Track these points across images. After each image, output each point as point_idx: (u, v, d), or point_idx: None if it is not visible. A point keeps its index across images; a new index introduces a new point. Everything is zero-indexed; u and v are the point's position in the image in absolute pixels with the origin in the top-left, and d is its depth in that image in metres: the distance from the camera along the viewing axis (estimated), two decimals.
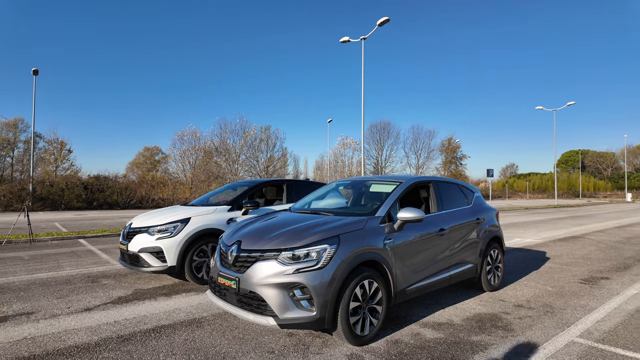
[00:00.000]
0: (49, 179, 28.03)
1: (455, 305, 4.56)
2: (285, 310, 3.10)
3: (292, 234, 3.41)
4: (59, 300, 4.63)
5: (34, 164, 36.54)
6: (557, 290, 5.34)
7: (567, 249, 9.15)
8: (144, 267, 5.21)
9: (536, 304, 4.65)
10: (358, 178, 5.11)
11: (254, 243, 3.44)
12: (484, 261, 5.01)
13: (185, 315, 4.12)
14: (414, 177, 4.55)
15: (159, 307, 4.37)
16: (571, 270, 6.63)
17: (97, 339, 3.43)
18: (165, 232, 5.25)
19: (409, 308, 4.43)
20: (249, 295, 3.26)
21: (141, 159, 64.41)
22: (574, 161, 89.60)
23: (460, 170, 61.50)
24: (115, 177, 31.25)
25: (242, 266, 3.37)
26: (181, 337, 3.51)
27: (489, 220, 5.26)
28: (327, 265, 3.17)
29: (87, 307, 4.38)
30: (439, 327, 3.84)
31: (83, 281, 5.59)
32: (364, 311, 3.40)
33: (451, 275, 4.47)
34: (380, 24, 18.37)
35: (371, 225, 3.65)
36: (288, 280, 3.11)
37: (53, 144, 35.17)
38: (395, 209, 4.03)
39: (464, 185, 5.35)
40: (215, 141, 43.19)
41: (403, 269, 3.80)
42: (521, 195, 70.28)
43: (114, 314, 4.14)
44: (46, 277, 5.82)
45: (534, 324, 3.98)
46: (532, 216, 20.85)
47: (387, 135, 53.91)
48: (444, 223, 4.43)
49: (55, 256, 7.67)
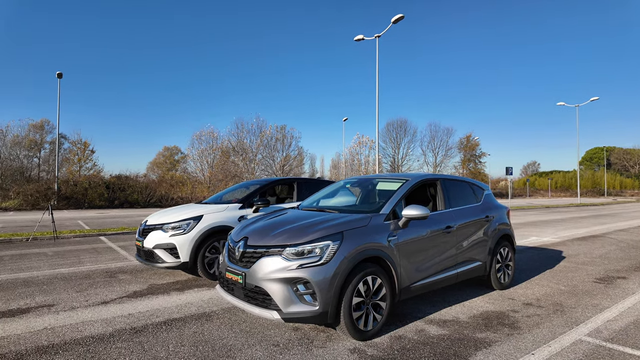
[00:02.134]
0: (73, 178, 29.05)
1: (462, 303, 4.56)
2: (289, 305, 3.19)
3: (297, 230, 3.49)
4: (78, 293, 4.85)
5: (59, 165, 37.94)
6: (570, 289, 5.25)
7: (585, 248, 8.94)
8: (158, 262, 5.39)
9: (546, 303, 4.60)
10: (365, 176, 5.16)
11: (260, 239, 3.54)
12: (493, 259, 4.98)
13: (196, 309, 4.26)
14: (420, 175, 4.57)
15: (172, 302, 4.53)
16: (587, 270, 6.50)
17: (112, 330, 3.60)
18: (179, 229, 5.42)
19: (415, 305, 4.45)
20: (254, 289, 3.36)
21: (161, 158, 65.87)
22: (598, 158, 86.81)
23: (480, 168, 60.53)
24: (136, 177, 32.07)
25: (248, 261, 3.48)
26: (191, 329, 3.64)
27: (499, 218, 5.22)
28: (330, 261, 3.23)
29: (104, 300, 4.57)
30: (444, 324, 3.86)
31: (101, 276, 5.82)
32: (367, 307, 3.45)
33: (458, 273, 4.47)
34: (395, 22, 18.26)
35: (375, 222, 3.70)
36: (291, 275, 3.19)
37: (77, 144, 36.37)
38: (400, 206, 4.06)
39: (473, 183, 5.32)
40: (232, 141, 43.78)
41: (407, 266, 3.83)
42: (543, 193, 68.60)
43: (129, 307, 4.31)
44: (67, 272, 6.08)
45: (541, 322, 3.94)
46: (552, 215, 20.37)
47: (404, 133, 53.55)
48: (451, 220, 4.43)
49: (76, 252, 7.99)
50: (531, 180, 75.12)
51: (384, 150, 53.84)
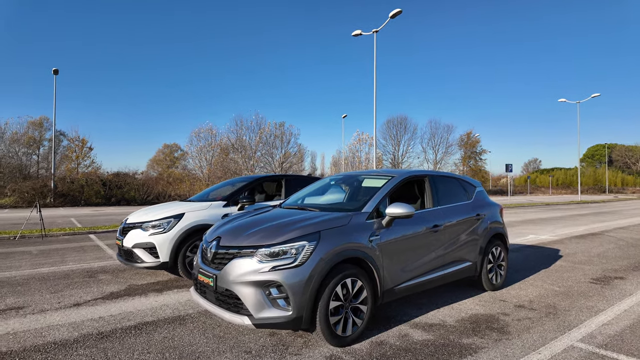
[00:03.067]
0: (70, 176, 28.88)
1: (451, 305, 4.36)
2: (260, 309, 2.99)
3: (272, 230, 3.29)
4: (52, 295, 4.67)
5: (58, 162, 37.80)
6: (565, 290, 5.05)
7: (583, 246, 8.73)
8: (137, 262, 5.20)
9: (539, 305, 4.40)
10: (351, 173, 4.95)
11: (232, 239, 3.35)
12: (484, 259, 4.77)
13: (171, 312, 4.07)
14: (406, 172, 4.36)
15: (147, 304, 4.34)
16: (583, 269, 6.29)
17: (77, 335, 3.41)
18: (159, 228, 5.22)
19: (401, 307, 4.25)
20: (225, 293, 3.16)
21: (161, 155, 65.72)
22: (600, 155, 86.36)
23: (480, 165, 60.31)
24: (134, 174, 31.91)
25: (220, 263, 3.28)
26: (161, 334, 3.45)
27: (491, 217, 5.01)
28: (305, 262, 3.04)
29: (77, 302, 4.38)
30: (430, 328, 3.66)
31: (81, 276, 5.64)
32: (347, 311, 3.26)
33: (446, 274, 4.27)
34: (393, 16, 17.99)
35: (356, 221, 3.50)
36: (264, 278, 3.00)
37: (74, 141, 36.19)
38: (384, 204, 3.85)
39: (464, 180, 5.11)
40: (231, 138, 43.59)
41: (391, 267, 3.63)
42: (544, 191, 68.28)
43: (101, 309, 4.12)
44: (47, 272, 5.90)
45: (532, 326, 3.74)
46: (551, 212, 20.14)
47: (404, 130, 53.30)
48: (438, 219, 4.22)
49: (62, 251, 7.81)
50: (532, 178, 74.82)
51: (384, 147, 53.64)
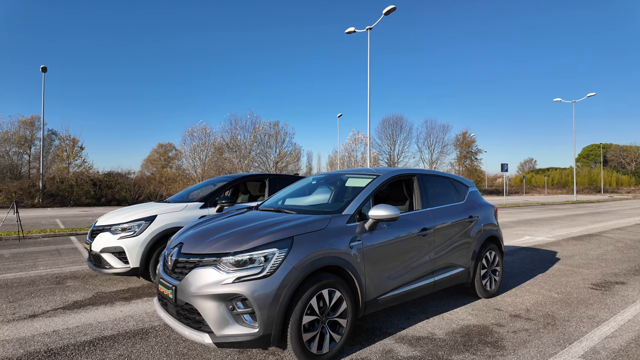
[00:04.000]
0: (60, 175, 28.33)
1: (442, 315, 4.03)
2: (222, 326, 2.64)
3: (238, 236, 2.94)
4: (9, 304, 4.29)
5: (50, 162, 37.16)
6: (563, 297, 4.73)
7: (580, 248, 8.43)
8: (105, 268, 4.83)
9: (536, 314, 4.08)
10: (334, 172, 4.61)
11: (195, 246, 2.99)
12: (477, 264, 4.45)
13: (135, 324, 3.70)
14: (393, 170, 4.02)
15: (111, 314, 3.97)
16: (582, 274, 5.98)
17: (22, 353, 3.04)
18: (129, 231, 4.85)
19: (388, 317, 3.91)
20: (185, 307, 2.81)
21: (155, 155, 65.16)
22: (595, 155, 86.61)
23: (476, 165, 60.10)
24: (127, 174, 31.40)
25: (180, 273, 2.92)
26: (117, 351, 3.09)
27: (485, 218, 4.68)
28: (275, 272, 2.69)
29: (34, 313, 4.01)
30: (417, 343, 3.32)
31: (48, 282, 5.25)
32: (323, 326, 2.91)
33: (436, 282, 3.93)
34: (387, 13, 17.67)
35: (335, 224, 3.15)
36: (226, 290, 2.64)
37: (65, 141, 35.58)
38: (368, 206, 3.51)
39: (456, 179, 4.78)
40: (225, 137, 43.12)
41: (374, 275, 3.29)
42: (540, 190, 68.30)
43: (58, 322, 3.75)
44: (13, 278, 5.51)
45: (529, 339, 3.42)
46: (547, 212, 19.90)
47: (400, 130, 53.01)
48: (427, 221, 3.89)
49: (36, 254, 7.41)
50: (528, 177, 74.83)
51: (380, 147, 53.34)
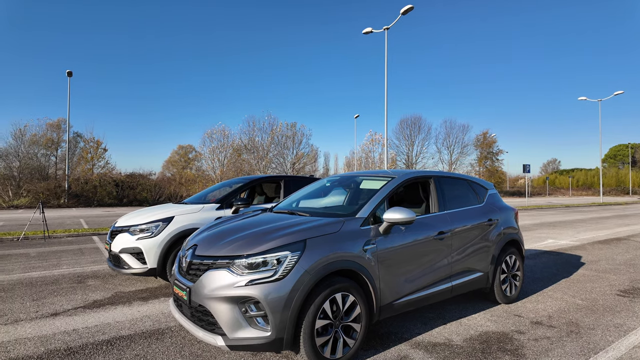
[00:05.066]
0: (85, 176, 29.21)
1: (459, 321, 3.93)
2: (235, 329, 2.64)
3: (251, 238, 2.93)
4: (32, 303, 4.42)
5: (76, 163, 38.39)
6: (588, 303, 4.55)
7: (607, 252, 8.11)
8: (124, 268, 4.93)
9: (559, 322, 3.93)
10: (348, 174, 4.56)
11: (208, 248, 3.00)
12: (497, 269, 4.32)
13: (151, 324, 3.75)
14: (408, 172, 3.95)
15: (129, 314, 4.04)
16: (609, 279, 5.75)
17: (43, 351, 3.12)
18: (147, 232, 4.94)
19: (404, 322, 3.84)
20: (199, 309, 2.82)
21: (176, 157, 66.38)
22: (623, 155, 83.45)
23: (497, 166, 58.87)
24: (148, 175, 32.14)
25: (194, 275, 2.94)
26: (133, 351, 3.13)
27: (505, 222, 4.55)
28: (287, 276, 2.67)
29: (56, 311, 4.12)
30: (433, 349, 3.24)
31: (70, 281, 5.39)
32: (336, 330, 2.88)
33: (453, 286, 3.84)
34: (404, 12, 17.50)
35: (349, 228, 3.11)
36: (239, 293, 2.64)
37: (89, 142, 36.69)
38: (383, 208, 3.46)
39: (474, 181, 4.66)
40: (243, 138, 43.58)
41: (389, 279, 3.24)
42: (563, 192, 66.35)
43: (78, 320, 3.84)
44: (37, 277, 5.68)
45: (552, 348, 3.29)
46: (572, 215, 19.28)
47: (418, 131, 52.34)
48: (444, 225, 3.80)
49: (60, 254, 7.64)
50: (551, 179, 72.83)
51: (398, 148, 52.82)
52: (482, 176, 52.48)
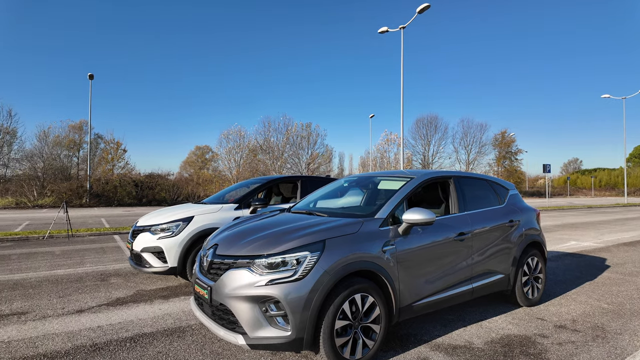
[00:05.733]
0: (105, 177, 29.96)
1: (480, 323, 3.87)
2: (256, 328, 2.67)
3: (271, 238, 2.96)
4: (59, 300, 4.56)
5: (97, 164, 39.40)
6: (615, 307, 4.42)
7: (633, 255, 7.86)
8: (145, 267, 5.03)
9: (584, 326, 3.83)
10: (366, 174, 4.55)
11: (229, 247, 3.04)
12: (518, 271, 4.24)
13: (173, 322, 3.82)
14: (427, 173, 3.91)
15: (151, 312, 4.12)
16: (636, 283, 5.57)
17: (70, 347, 3.21)
18: (167, 232, 5.03)
19: (423, 324, 3.81)
20: (220, 307, 2.86)
21: (193, 157, 67.35)
22: None
23: (516, 165, 57.72)
24: (166, 175, 32.75)
25: (215, 274, 2.98)
26: (156, 348, 3.20)
27: (527, 223, 4.46)
28: (307, 276, 2.68)
29: (81, 308, 4.23)
30: (454, 351, 3.21)
31: (93, 279, 5.54)
32: (356, 331, 2.87)
33: (474, 288, 3.79)
34: (420, 11, 17.35)
35: (368, 228, 3.11)
36: (259, 292, 2.67)
37: (110, 144, 37.57)
38: (402, 209, 3.44)
39: (495, 182, 4.59)
40: (259, 139, 43.93)
41: (408, 280, 3.21)
42: (586, 192, 64.55)
43: (102, 317, 3.94)
44: (62, 274, 5.86)
45: (576, 352, 3.21)
46: (595, 216, 18.75)
47: (435, 130, 51.77)
48: (465, 226, 3.75)
49: (83, 252, 7.85)
50: (572, 179, 71.00)
51: (414, 148, 52.35)
52: (500, 176, 51.53)
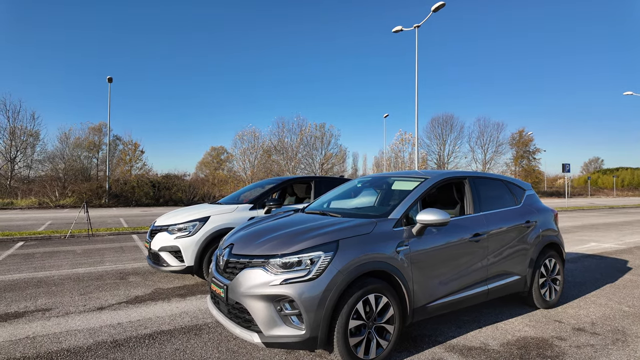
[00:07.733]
0: (124, 177, 30.64)
1: (496, 325, 3.83)
2: (271, 327, 2.71)
3: (285, 238, 3.00)
4: (80, 297, 4.70)
5: (115, 165, 40.33)
6: (636, 310, 4.32)
7: None
8: (163, 266, 5.15)
9: (603, 329, 3.76)
10: (380, 174, 4.55)
11: (245, 247, 3.10)
12: (535, 272, 4.18)
13: (190, 320, 3.90)
14: (442, 173, 3.89)
15: (168, 310, 4.22)
16: None
17: (91, 343, 3.32)
18: (184, 231, 5.13)
19: (437, 325, 3.79)
20: (236, 306, 2.92)
21: (209, 158, 68.19)
22: None
23: (534, 165, 56.63)
24: (182, 176, 33.31)
25: (231, 273, 3.04)
26: (174, 345, 3.28)
27: (544, 224, 4.39)
28: (321, 275, 2.71)
29: (102, 305, 4.36)
30: (468, 353, 3.19)
31: (113, 278, 5.69)
32: (369, 331, 2.89)
33: (489, 290, 3.75)
34: (435, 10, 17.20)
35: (381, 229, 3.12)
36: (274, 292, 2.71)
37: (128, 145, 38.37)
38: (416, 210, 3.44)
39: (511, 182, 4.53)
40: (273, 140, 44.23)
41: (423, 281, 3.21)
42: (607, 192, 62.91)
43: (122, 315, 4.05)
44: (83, 272, 6.03)
45: (595, 356, 3.15)
46: (616, 217, 18.25)
47: (450, 129, 51.20)
48: (480, 227, 3.72)
49: (103, 251, 8.05)
50: (593, 178, 69.25)
51: (429, 147, 51.89)
52: (518, 176, 50.64)
